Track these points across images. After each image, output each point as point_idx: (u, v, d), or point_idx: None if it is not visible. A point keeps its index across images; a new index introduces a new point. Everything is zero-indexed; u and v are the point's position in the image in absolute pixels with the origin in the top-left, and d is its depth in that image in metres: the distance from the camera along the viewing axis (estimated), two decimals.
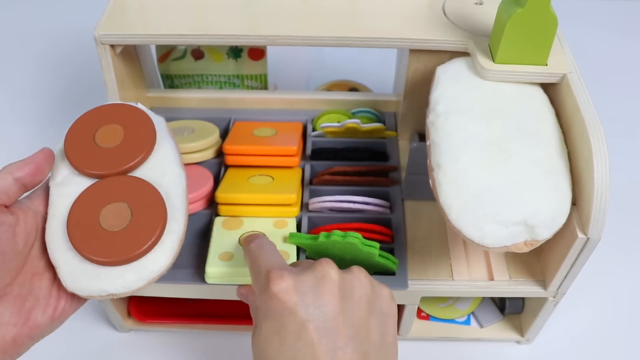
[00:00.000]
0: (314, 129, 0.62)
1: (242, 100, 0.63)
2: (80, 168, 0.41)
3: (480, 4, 0.53)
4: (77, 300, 0.41)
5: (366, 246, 0.46)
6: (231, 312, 0.59)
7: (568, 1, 0.94)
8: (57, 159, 0.43)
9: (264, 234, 0.44)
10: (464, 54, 0.50)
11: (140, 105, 0.45)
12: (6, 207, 0.38)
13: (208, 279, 0.48)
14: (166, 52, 0.64)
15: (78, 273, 0.39)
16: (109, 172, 0.41)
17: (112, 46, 0.51)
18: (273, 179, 0.55)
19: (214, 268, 0.48)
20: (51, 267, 0.40)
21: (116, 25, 0.51)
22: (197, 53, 0.64)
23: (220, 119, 0.62)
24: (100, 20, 0.51)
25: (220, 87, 0.67)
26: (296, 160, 0.56)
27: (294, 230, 0.51)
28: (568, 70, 0.46)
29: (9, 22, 0.96)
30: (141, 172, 0.42)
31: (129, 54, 0.57)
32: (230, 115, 0.62)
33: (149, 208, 0.40)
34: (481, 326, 0.59)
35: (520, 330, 0.58)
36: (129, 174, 0.42)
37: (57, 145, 0.43)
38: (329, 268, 0.37)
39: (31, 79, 0.85)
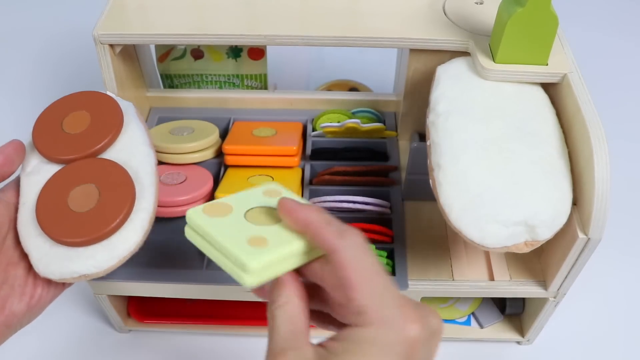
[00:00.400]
0: (314, 129, 0.62)
1: (241, 100, 0.63)
2: (48, 155, 0.42)
3: (481, 3, 0.53)
4: (54, 286, 0.42)
5: None
6: (231, 313, 0.59)
7: (568, 1, 0.94)
8: (28, 150, 0.43)
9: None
10: (465, 53, 0.50)
11: (110, 94, 0.46)
12: None
13: (251, 277, 0.32)
14: (166, 52, 0.64)
15: (49, 258, 0.39)
16: (76, 157, 0.42)
17: (112, 46, 0.51)
18: (273, 179, 0.55)
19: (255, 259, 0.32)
20: (26, 257, 0.40)
21: (115, 25, 0.51)
22: (197, 53, 0.64)
23: (220, 119, 0.62)
24: (100, 20, 0.51)
25: (220, 87, 0.67)
26: (296, 160, 0.56)
27: None
28: (569, 70, 0.46)
29: (9, 21, 0.96)
30: (110, 155, 0.43)
31: (129, 54, 0.57)
32: (230, 115, 0.62)
33: (117, 187, 0.40)
34: (481, 326, 0.58)
35: (521, 330, 0.58)
36: (98, 157, 0.43)
37: (28, 138, 0.44)
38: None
39: (30, 78, 0.85)
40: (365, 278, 0.31)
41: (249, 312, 0.58)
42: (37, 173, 0.42)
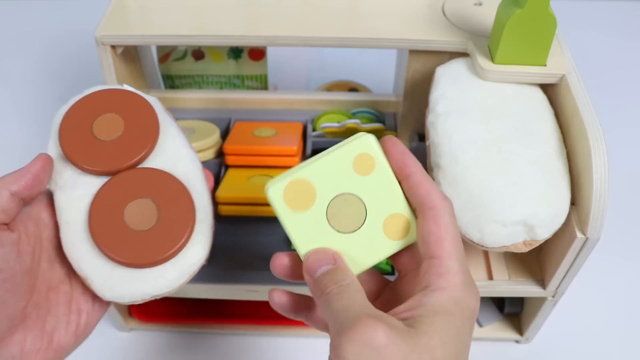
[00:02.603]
0: (314, 129, 0.62)
1: (242, 100, 0.63)
2: (85, 167, 0.38)
3: (480, 4, 0.54)
4: (98, 308, 0.38)
5: None
6: (233, 312, 0.59)
7: (567, 2, 0.94)
8: (55, 159, 0.39)
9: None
10: (464, 54, 0.50)
11: (129, 87, 0.41)
12: (5, 224, 0.34)
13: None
14: (167, 53, 0.65)
15: (114, 280, 0.36)
16: (118, 168, 0.38)
17: (113, 47, 0.52)
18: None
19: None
20: (66, 279, 0.37)
21: (117, 25, 0.51)
22: (198, 53, 0.65)
23: (221, 119, 0.62)
24: (101, 21, 0.51)
25: (221, 88, 0.67)
26: (296, 160, 0.56)
27: None
28: (567, 70, 0.46)
29: (11, 22, 0.96)
30: (152, 162, 0.38)
31: (130, 55, 0.57)
32: (230, 116, 0.63)
33: (175, 200, 0.37)
34: (480, 325, 0.59)
35: (520, 329, 0.58)
36: (140, 166, 0.38)
37: (49, 142, 0.40)
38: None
39: (32, 79, 0.86)
40: (454, 242, 0.31)
41: (251, 311, 0.58)
42: (74, 187, 0.38)
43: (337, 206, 0.32)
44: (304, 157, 0.59)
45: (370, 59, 0.86)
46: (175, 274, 0.36)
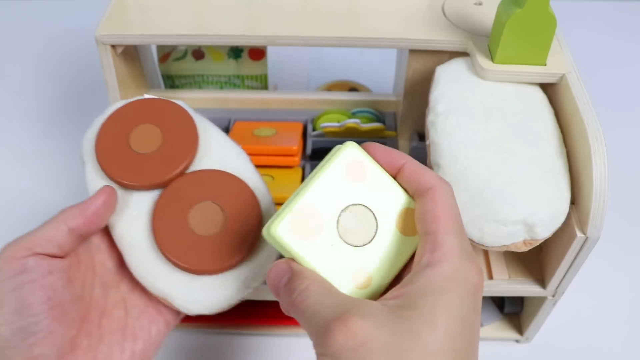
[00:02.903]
0: (314, 129, 0.62)
1: (242, 100, 0.63)
2: (132, 185, 0.36)
3: (480, 4, 0.54)
4: (156, 333, 0.36)
5: None
6: (238, 312, 0.59)
7: (567, 2, 0.94)
8: (97, 177, 0.36)
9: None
10: (464, 54, 0.50)
11: (150, 96, 0.40)
12: (58, 257, 0.33)
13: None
14: (167, 53, 0.65)
15: (196, 292, 0.34)
16: (167, 179, 0.36)
17: (113, 46, 0.52)
18: (273, 178, 0.55)
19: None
20: (120, 304, 0.35)
21: (117, 25, 0.51)
22: (198, 53, 0.65)
23: (221, 119, 0.62)
24: (101, 21, 0.51)
25: (221, 87, 0.68)
26: (296, 160, 0.56)
27: None
28: (567, 70, 0.46)
29: (11, 22, 0.96)
30: (199, 165, 0.37)
31: (130, 54, 0.57)
32: (230, 116, 0.63)
33: (236, 198, 0.35)
34: (480, 325, 0.59)
35: (520, 329, 0.58)
36: (189, 171, 0.37)
37: (86, 166, 0.37)
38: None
39: (33, 79, 0.86)
40: (452, 219, 0.30)
41: (257, 311, 0.58)
42: (126, 208, 0.36)
43: (346, 221, 0.31)
44: (304, 156, 0.59)
45: (370, 59, 0.86)
46: (253, 273, 0.35)
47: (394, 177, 0.32)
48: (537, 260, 0.51)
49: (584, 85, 0.45)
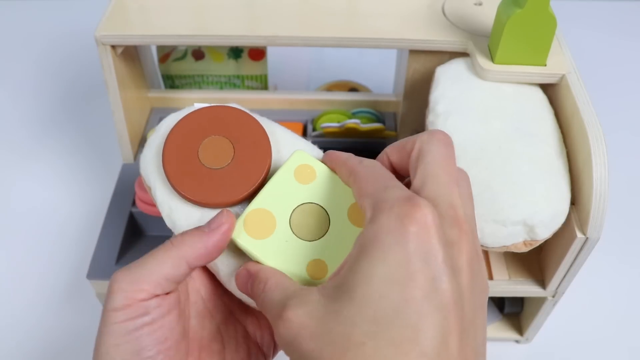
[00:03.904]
0: (314, 129, 0.62)
1: (242, 100, 0.63)
2: (208, 205, 0.34)
3: (480, 4, 0.54)
4: None
5: None
6: None
7: (567, 2, 0.94)
8: (169, 200, 0.34)
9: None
10: (464, 54, 0.50)
11: (201, 105, 0.37)
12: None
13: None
14: (167, 53, 0.65)
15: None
16: (238, 199, 0.34)
17: (113, 47, 0.52)
18: None
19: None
20: (217, 336, 0.33)
21: (117, 25, 0.51)
22: (198, 53, 0.65)
23: None
24: (101, 21, 0.51)
25: (221, 88, 0.68)
26: None
27: None
28: (567, 70, 0.46)
29: (11, 23, 0.96)
30: (274, 171, 0.35)
31: (130, 55, 0.57)
32: None
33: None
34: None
35: (520, 329, 0.58)
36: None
37: (150, 179, 0.35)
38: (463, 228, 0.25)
39: (33, 79, 0.86)
40: (373, 177, 0.28)
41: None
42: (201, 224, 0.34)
43: (298, 219, 0.32)
44: None
45: (370, 59, 0.86)
46: None
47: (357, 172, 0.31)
48: (537, 261, 0.51)
49: (584, 85, 0.45)
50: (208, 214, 0.33)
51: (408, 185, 0.29)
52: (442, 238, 0.24)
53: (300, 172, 0.33)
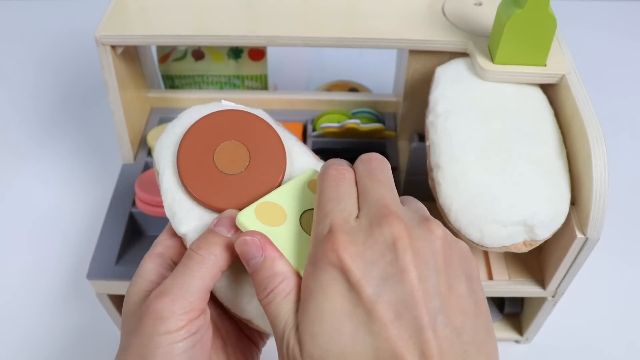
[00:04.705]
0: (314, 129, 0.62)
1: (242, 100, 0.63)
2: (219, 210, 0.33)
3: (480, 4, 0.54)
4: None
5: None
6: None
7: (567, 2, 0.94)
8: (174, 192, 0.34)
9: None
10: (464, 54, 0.50)
11: (229, 104, 0.37)
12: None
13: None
14: (167, 53, 0.65)
15: None
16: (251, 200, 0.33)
17: (113, 47, 0.52)
18: None
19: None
20: (222, 350, 0.33)
21: (117, 26, 0.51)
22: (198, 54, 0.65)
23: None
24: (101, 21, 0.51)
25: (221, 88, 0.67)
26: None
27: None
28: (567, 71, 0.46)
29: (11, 23, 0.96)
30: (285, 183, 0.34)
31: (130, 55, 0.57)
32: None
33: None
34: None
35: (520, 329, 0.58)
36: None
37: (161, 173, 0.34)
38: (397, 226, 0.27)
39: (32, 79, 0.86)
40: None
41: None
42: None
43: (309, 219, 0.32)
44: None
45: (370, 59, 0.86)
46: None
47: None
48: (537, 261, 0.51)
49: (584, 85, 0.45)
50: (209, 213, 0.33)
51: None
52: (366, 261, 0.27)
53: (312, 185, 0.33)
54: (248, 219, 0.31)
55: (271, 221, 0.31)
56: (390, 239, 0.27)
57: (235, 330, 0.35)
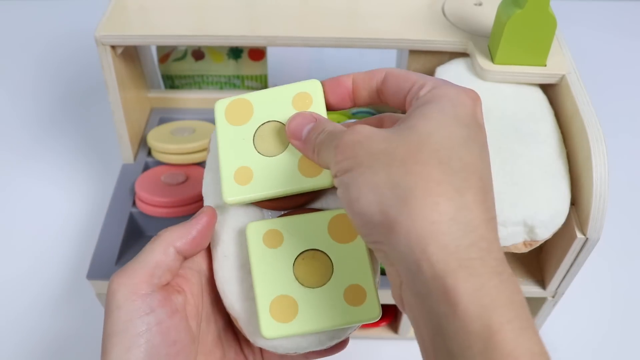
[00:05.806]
0: None
1: None
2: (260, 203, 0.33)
3: (480, 4, 0.54)
4: None
5: None
6: None
7: (567, 2, 0.94)
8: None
9: None
10: (464, 54, 0.50)
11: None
12: (174, 288, 0.31)
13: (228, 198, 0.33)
14: (167, 53, 0.65)
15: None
16: (292, 205, 0.33)
17: (113, 47, 0.52)
18: None
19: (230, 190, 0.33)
20: (218, 342, 0.33)
21: (117, 26, 0.51)
22: (198, 54, 0.65)
23: None
24: (101, 21, 0.51)
25: (221, 88, 0.67)
26: None
27: None
28: (567, 71, 0.46)
29: (10, 23, 0.96)
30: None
31: (130, 55, 0.57)
32: None
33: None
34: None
35: None
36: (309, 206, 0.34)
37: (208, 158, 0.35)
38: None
39: (32, 79, 0.86)
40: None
41: None
42: (238, 216, 0.34)
43: (266, 132, 0.33)
44: None
45: (370, 59, 0.86)
46: (330, 334, 0.32)
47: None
48: (537, 261, 0.51)
49: (584, 85, 0.45)
50: (250, 208, 0.34)
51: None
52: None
53: (299, 98, 0.34)
54: (219, 109, 0.34)
55: (234, 119, 0.34)
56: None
57: (236, 347, 0.35)
